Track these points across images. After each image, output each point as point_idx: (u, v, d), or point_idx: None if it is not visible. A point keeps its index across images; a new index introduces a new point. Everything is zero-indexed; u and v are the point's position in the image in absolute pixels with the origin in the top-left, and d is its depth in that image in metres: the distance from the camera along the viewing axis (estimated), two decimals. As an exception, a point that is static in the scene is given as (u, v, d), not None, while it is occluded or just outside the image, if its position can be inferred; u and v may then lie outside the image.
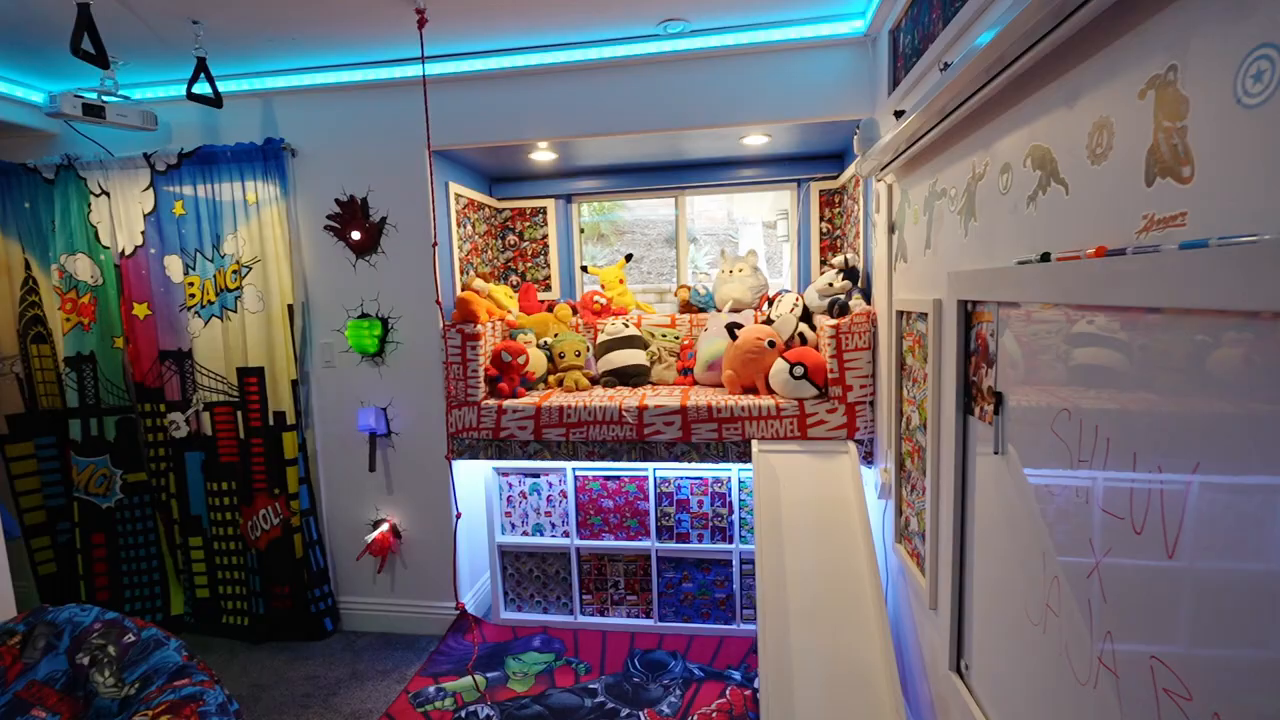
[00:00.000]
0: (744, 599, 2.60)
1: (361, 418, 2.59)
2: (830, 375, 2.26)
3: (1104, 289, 0.78)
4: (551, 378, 2.78)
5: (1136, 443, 0.75)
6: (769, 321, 2.63)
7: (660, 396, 2.47)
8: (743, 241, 6.46)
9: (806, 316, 2.59)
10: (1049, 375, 0.97)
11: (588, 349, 2.86)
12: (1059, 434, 0.93)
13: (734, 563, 2.58)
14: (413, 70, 2.39)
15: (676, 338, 2.89)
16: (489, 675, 2.39)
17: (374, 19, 2.08)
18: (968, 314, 1.30)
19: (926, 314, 1.56)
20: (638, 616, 2.69)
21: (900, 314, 1.85)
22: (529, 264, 3.24)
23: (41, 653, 1.69)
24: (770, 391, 2.41)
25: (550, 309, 2.98)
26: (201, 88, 2.20)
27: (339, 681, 2.42)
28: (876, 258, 2.17)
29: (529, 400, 2.50)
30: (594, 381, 2.80)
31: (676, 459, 2.42)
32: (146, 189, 2.59)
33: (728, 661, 2.43)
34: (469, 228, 2.87)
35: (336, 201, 2.55)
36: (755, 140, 2.60)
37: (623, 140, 2.51)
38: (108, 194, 2.61)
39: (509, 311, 2.85)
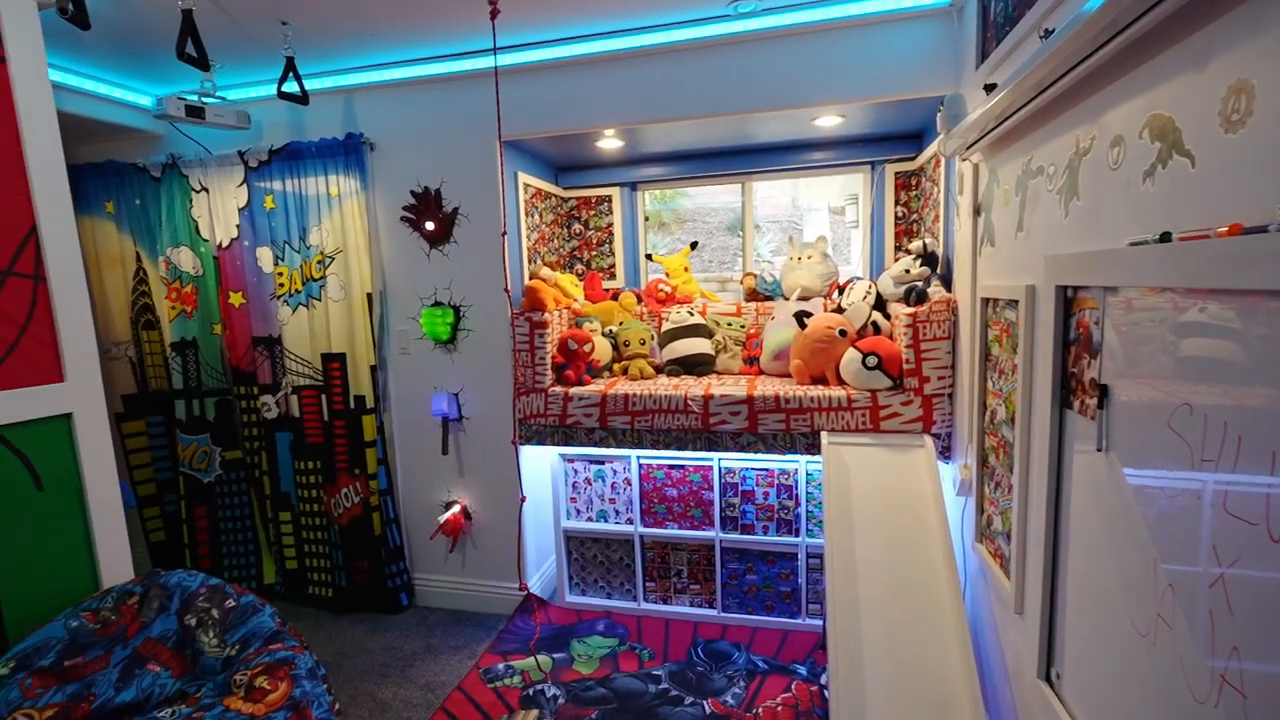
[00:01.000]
0: (810, 593, 2.55)
1: (435, 403, 2.69)
2: (906, 366, 2.17)
3: (1239, 271, 0.70)
4: (616, 366, 2.80)
5: (1278, 442, 0.67)
6: (839, 310, 2.54)
7: (726, 386, 2.43)
8: (807, 228, 6.28)
9: (880, 305, 2.49)
10: (1165, 367, 0.89)
11: (652, 337, 2.86)
12: (1178, 430, 0.85)
13: (800, 556, 2.53)
14: (483, 62, 2.43)
15: (742, 326, 2.85)
16: (555, 656, 2.44)
17: (449, 12, 2.13)
18: (1067, 301, 1.21)
19: (1017, 301, 1.47)
20: (701, 606, 2.68)
21: (985, 301, 1.75)
22: (594, 252, 3.26)
23: (155, 613, 1.85)
24: (841, 382, 2.34)
25: (615, 297, 2.99)
26: (290, 86, 2.31)
27: (414, 654, 2.53)
28: (958, 242, 2.05)
29: (594, 388, 2.52)
30: (658, 370, 2.80)
31: (742, 449, 2.38)
32: (240, 185, 2.75)
33: (793, 656, 2.39)
34: (536, 217, 2.91)
35: (412, 193, 2.64)
36: (828, 121, 2.51)
37: (689, 125, 2.48)
38: (206, 190, 2.79)
39: (575, 300, 2.88)
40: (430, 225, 2.62)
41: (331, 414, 2.78)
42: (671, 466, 2.65)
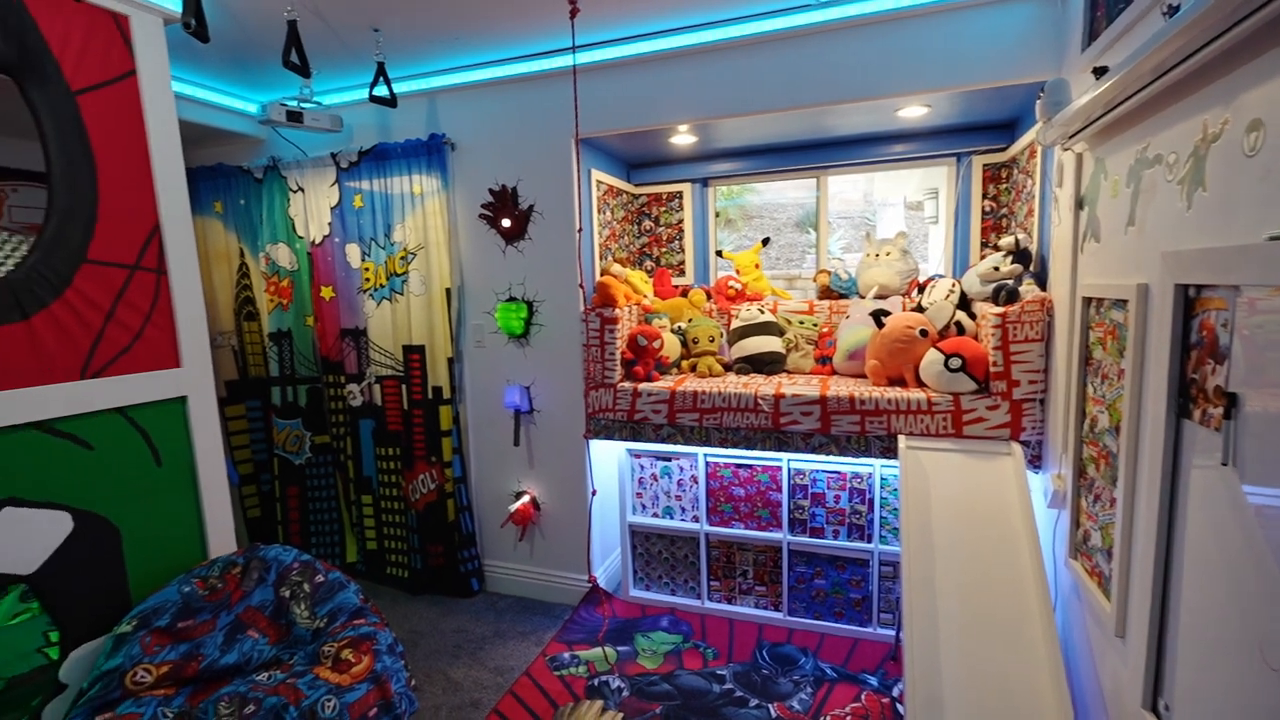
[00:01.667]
0: (882, 602, 2.46)
1: (508, 395, 2.76)
2: (993, 369, 2.06)
3: None
4: (685, 363, 2.79)
5: None
6: (920, 309, 2.44)
7: (798, 385, 2.38)
8: (881, 224, 6.05)
9: (964, 304, 2.37)
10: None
11: (721, 335, 2.83)
12: (1327, 446, 0.76)
13: (872, 563, 2.45)
14: (559, 61, 2.47)
15: (814, 325, 2.78)
16: (619, 649, 2.46)
17: (529, 13, 2.17)
18: (1188, 301, 1.11)
19: (1126, 301, 1.36)
20: (766, 608, 2.64)
21: (1087, 301, 1.63)
22: (664, 249, 3.26)
23: (255, 583, 1.99)
24: (920, 384, 2.24)
25: (684, 294, 2.98)
26: (380, 90, 2.43)
27: (484, 637, 2.62)
28: (1056, 237, 1.92)
29: (663, 384, 2.52)
30: (727, 368, 2.77)
31: (813, 451, 2.33)
32: (332, 184, 2.91)
33: (862, 665, 2.31)
34: (608, 213, 2.94)
35: (490, 191, 2.72)
36: (912, 112, 2.41)
37: (764, 119, 2.43)
38: (302, 190, 2.97)
39: (644, 296, 2.89)
40: (506, 222, 2.69)
41: (411, 403, 2.91)
42: (739, 466, 2.62)
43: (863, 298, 2.75)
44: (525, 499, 2.84)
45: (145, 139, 1.81)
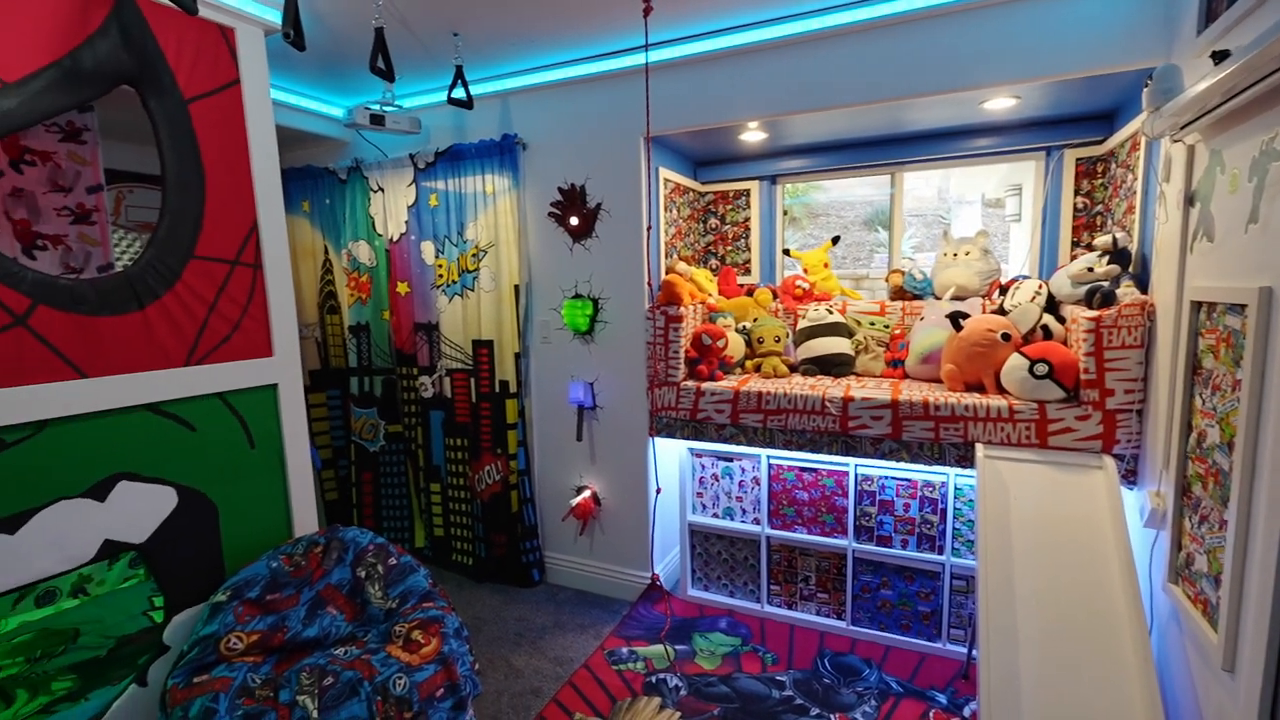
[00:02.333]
0: (953, 617, 2.36)
1: (572, 390, 2.80)
2: (1084, 376, 1.93)
3: None
4: (749, 363, 2.75)
5: None
6: (1001, 311, 2.32)
7: (868, 388, 2.31)
8: (956, 222, 5.78)
9: (1052, 307, 2.24)
10: None
11: (787, 335, 2.78)
12: None
13: (944, 576, 2.35)
14: (629, 60, 2.49)
15: (886, 326, 2.68)
16: (677, 647, 2.46)
17: (602, 12, 2.19)
18: (1323, 306, 1.01)
19: (1244, 305, 1.25)
20: (828, 616, 2.58)
21: (1197, 305, 1.50)
22: (729, 247, 3.23)
23: (334, 562, 2.09)
24: (1001, 391, 2.13)
25: (750, 293, 2.94)
26: (458, 93, 2.50)
27: (544, 628, 2.67)
28: (1161, 236, 1.79)
29: (727, 384, 2.50)
30: (792, 369, 2.72)
31: (883, 456, 2.25)
32: (410, 184, 3.04)
33: (930, 681, 2.22)
34: (674, 211, 2.94)
35: (559, 190, 2.77)
36: (1000, 104, 2.28)
37: (838, 114, 2.37)
38: (382, 190, 3.11)
39: (709, 295, 2.87)
40: (574, 220, 2.73)
41: (479, 396, 3.00)
42: (803, 469, 2.56)
43: (938, 299, 2.64)
44: (586, 493, 2.88)
45: (246, 143, 1.94)
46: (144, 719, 1.79)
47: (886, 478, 2.42)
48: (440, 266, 3.02)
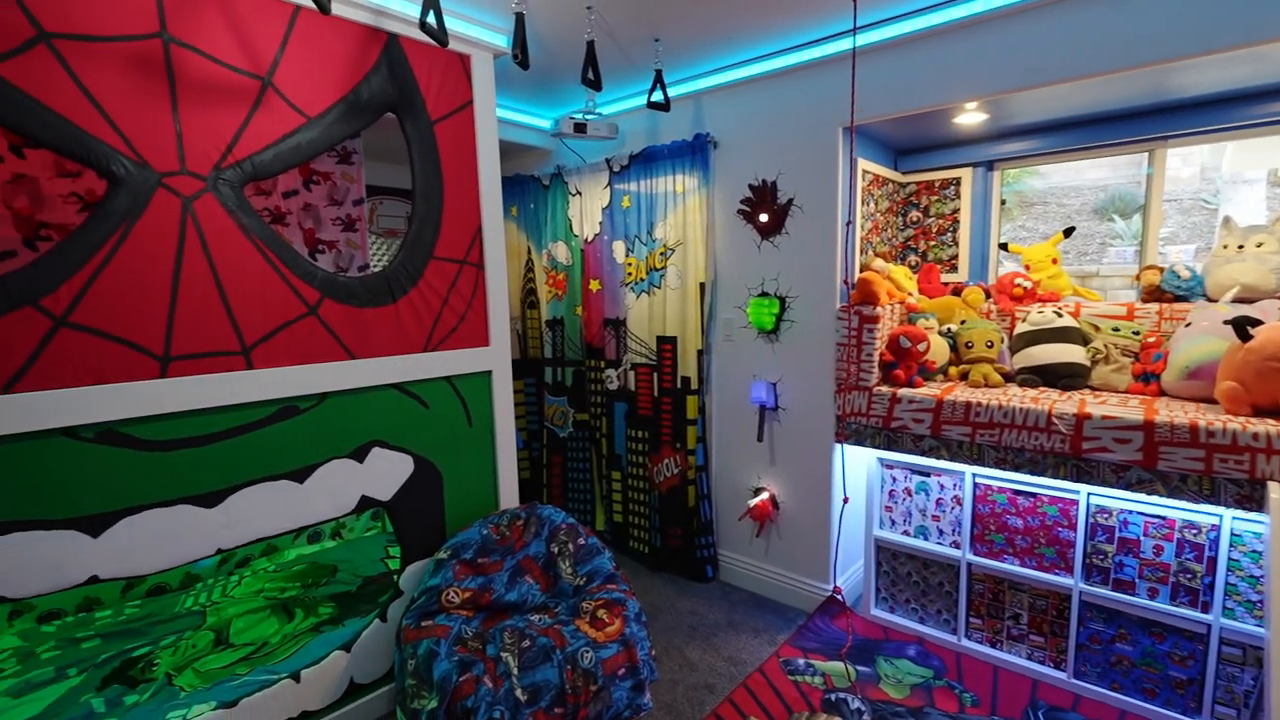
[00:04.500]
0: (1220, 690, 1.92)
1: (754, 390, 2.77)
2: None
3: None
4: (953, 369, 2.49)
5: None
6: (1313, 318, 1.83)
7: (1109, 405, 1.97)
8: (1225, 206, 4.71)
9: (1397, 313, 1.72)
10: None
11: (1002, 340, 2.47)
12: None
13: (1210, 639, 1.92)
14: (831, 48, 2.37)
15: (1135, 333, 2.26)
16: (859, 668, 2.32)
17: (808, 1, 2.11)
18: None
19: None
20: (1043, 663, 2.25)
21: None
22: (932, 242, 2.96)
23: (533, 536, 2.29)
24: (1310, 418, 1.69)
25: (956, 292, 2.66)
26: (656, 96, 2.59)
27: (718, 625, 2.67)
28: None
29: (928, 391, 2.29)
30: (1007, 378, 2.41)
31: (1127, 487, 1.90)
32: (605, 187, 3.21)
33: (1184, 764, 1.84)
34: (871, 205, 2.76)
35: (749, 186, 2.74)
36: (1319, 55, 1.80)
37: (1084, 86, 2.04)
38: (580, 193, 3.33)
39: (909, 294, 2.65)
40: (764, 217, 2.68)
41: (661, 391, 3.08)
42: (1017, 492, 2.26)
43: (1212, 301, 2.16)
44: (764, 495, 2.82)
45: (475, 156, 2.19)
46: (384, 649, 2.10)
47: (1131, 512, 2.05)
48: (630, 265, 3.15)
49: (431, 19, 1.78)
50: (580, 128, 2.84)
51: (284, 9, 1.72)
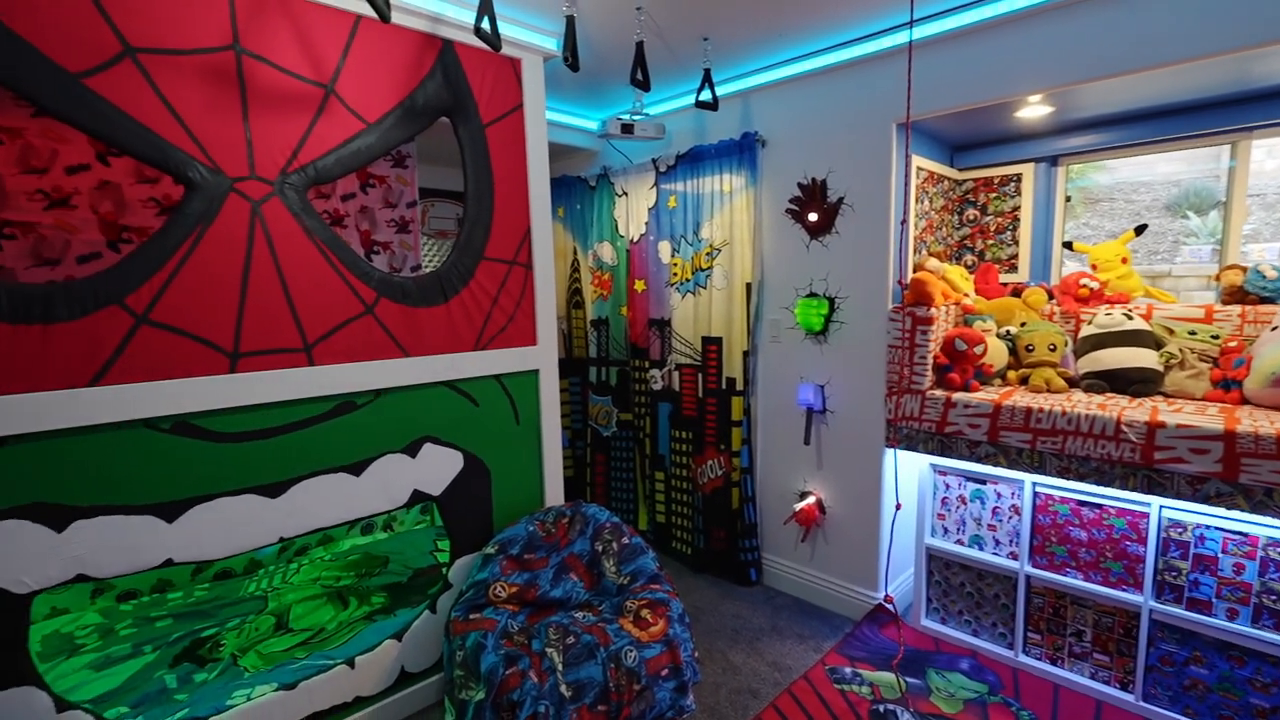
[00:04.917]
0: (1309, 723, 1.79)
1: (801, 392, 2.72)
2: None
3: None
4: (1012, 373, 2.40)
5: None
6: None
7: (1186, 413, 1.85)
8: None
9: None
10: None
11: (1065, 343, 2.36)
12: None
13: (1296, 666, 1.79)
14: (886, 42, 2.31)
15: (1214, 337, 2.13)
16: (909, 680, 2.25)
17: (858, -5, 2.07)
18: None
19: None
20: (1109, 684, 2.14)
21: None
22: (990, 241, 2.85)
23: (577, 534, 2.31)
24: None
25: (1016, 293, 2.56)
26: (704, 95, 2.57)
27: (761, 630, 2.64)
28: None
29: (985, 395, 2.20)
30: (1071, 383, 2.30)
31: (1204, 500, 1.79)
32: (651, 187, 3.21)
33: (1267, 798, 1.72)
34: (925, 203, 2.68)
35: (798, 185, 2.69)
36: None
37: (1160, 75, 1.93)
38: (626, 194, 3.34)
39: (965, 294, 2.56)
40: (813, 216, 2.63)
41: (706, 391, 3.07)
42: (1081, 503, 2.16)
43: (1303, 303, 2.01)
44: (810, 500, 2.77)
45: (525, 158, 2.22)
46: (433, 640, 2.15)
47: (1208, 527, 1.92)
48: (675, 265, 3.15)
49: (485, 24, 1.82)
50: (628, 128, 2.85)
51: (346, 19, 1.78)
